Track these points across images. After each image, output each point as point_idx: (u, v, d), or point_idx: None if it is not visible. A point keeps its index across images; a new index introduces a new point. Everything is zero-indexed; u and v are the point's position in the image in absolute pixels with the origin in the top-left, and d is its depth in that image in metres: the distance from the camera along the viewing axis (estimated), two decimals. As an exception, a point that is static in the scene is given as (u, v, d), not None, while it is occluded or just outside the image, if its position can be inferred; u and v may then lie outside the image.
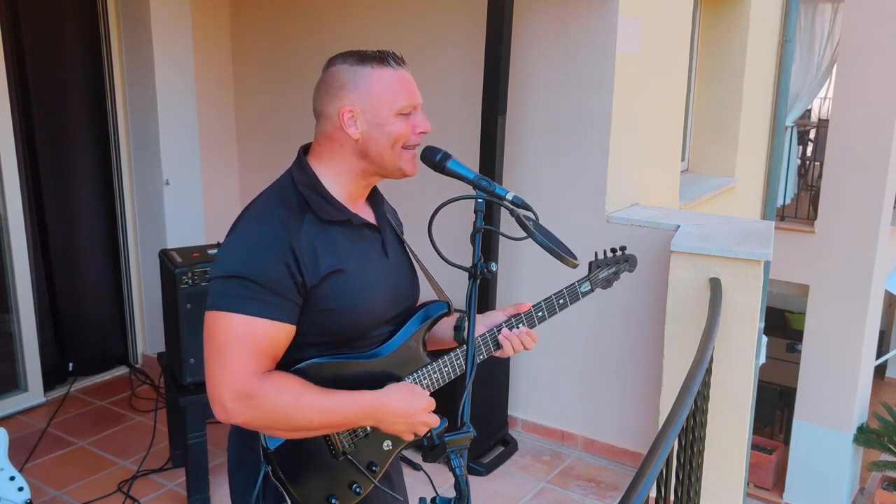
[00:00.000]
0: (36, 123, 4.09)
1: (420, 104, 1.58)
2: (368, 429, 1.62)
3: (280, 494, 1.57)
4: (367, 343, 1.62)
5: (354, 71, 1.53)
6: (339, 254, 1.54)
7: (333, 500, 1.60)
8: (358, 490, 1.62)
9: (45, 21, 4.07)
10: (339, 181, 1.58)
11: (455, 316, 1.78)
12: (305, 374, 1.53)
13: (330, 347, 1.57)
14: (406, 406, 1.53)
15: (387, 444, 1.65)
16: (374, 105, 1.52)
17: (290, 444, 1.55)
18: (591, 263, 1.87)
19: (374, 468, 1.64)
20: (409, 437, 1.57)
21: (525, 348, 1.75)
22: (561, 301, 1.79)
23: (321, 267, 1.50)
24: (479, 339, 1.73)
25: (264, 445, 1.55)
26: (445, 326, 1.78)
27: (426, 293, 1.77)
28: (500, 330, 1.74)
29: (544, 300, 1.78)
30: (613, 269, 1.90)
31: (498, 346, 1.74)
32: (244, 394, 1.43)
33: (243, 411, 1.44)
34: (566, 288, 1.80)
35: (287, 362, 1.54)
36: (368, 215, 1.65)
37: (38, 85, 4.07)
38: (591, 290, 1.85)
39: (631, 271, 1.95)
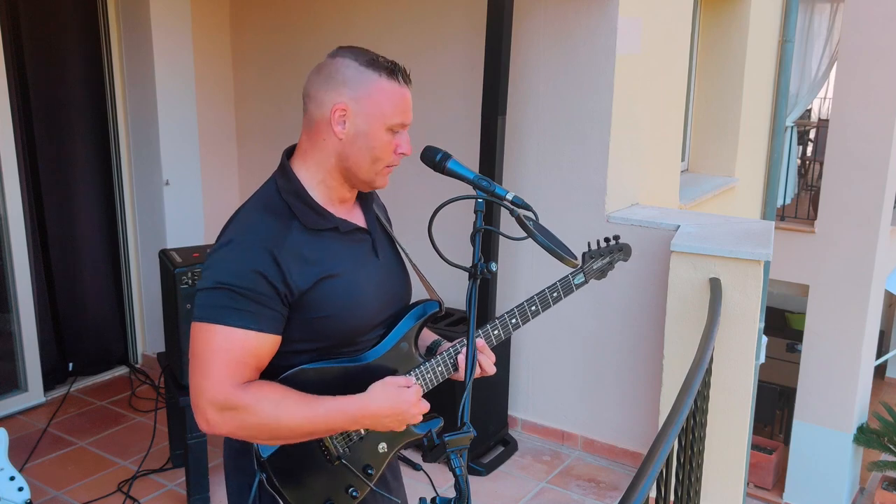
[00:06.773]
0: (36, 124, 4.09)
1: (409, 125, 1.57)
2: (363, 432, 1.61)
3: (276, 501, 1.56)
4: (359, 348, 1.60)
5: (361, 72, 1.51)
6: (330, 259, 1.53)
7: None
8: (354, 494, 1.61)
9: (45, 21, 4.07)
10: (323, 185, 1.56)
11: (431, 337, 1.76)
12: (294, 382, 1.51)
13: (322, 354, 1.56)
14: (392, 404, 1.51)
15: (382, 447, 1.64)
16: (370, 114, 1.51)
17: (283, 452, 1.54)
18: (584, 254, 1.85)
19: (369, 471, 1.63)
20: (402, 428, 1.55)
21: (483, 369, 1.65)
22: (555, 294, 1.76)
23: (310, 274, 1.48)
24: (439, 357, 1.66)
25: (258, 454, 1.54)
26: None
27: (418, 292, 1.76)
28: (458, 350, 1.66)
29: (537, 294, 1.75)
30: (607, 260, 1.88)
31: (456, 366, 1.66)
32: (224, 405, 1.42)
33: (225, 422, 1.44)
34: (559, 280, 1.78)
35: (278, 369, 1.52)
36: (357, 217, 1.64)
37: (38, 85, 4.07)
38: (585, 282, 1.82)
39: (625, 260, 1.94)
